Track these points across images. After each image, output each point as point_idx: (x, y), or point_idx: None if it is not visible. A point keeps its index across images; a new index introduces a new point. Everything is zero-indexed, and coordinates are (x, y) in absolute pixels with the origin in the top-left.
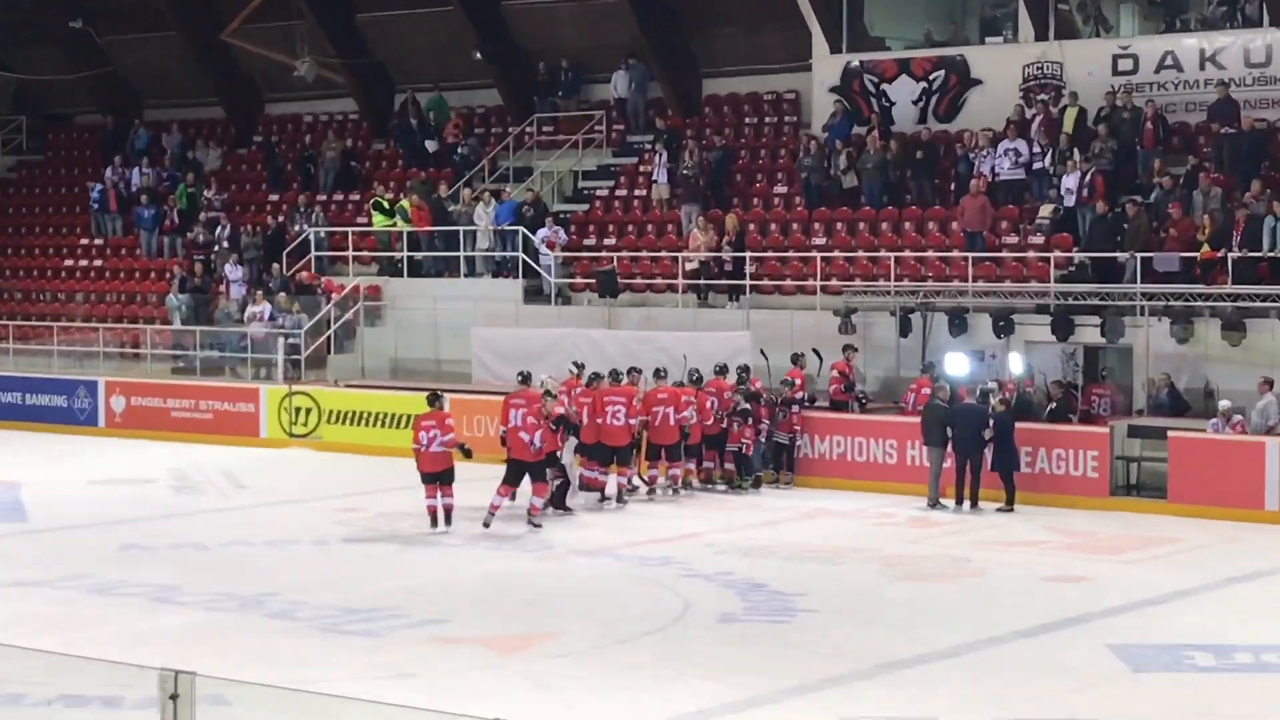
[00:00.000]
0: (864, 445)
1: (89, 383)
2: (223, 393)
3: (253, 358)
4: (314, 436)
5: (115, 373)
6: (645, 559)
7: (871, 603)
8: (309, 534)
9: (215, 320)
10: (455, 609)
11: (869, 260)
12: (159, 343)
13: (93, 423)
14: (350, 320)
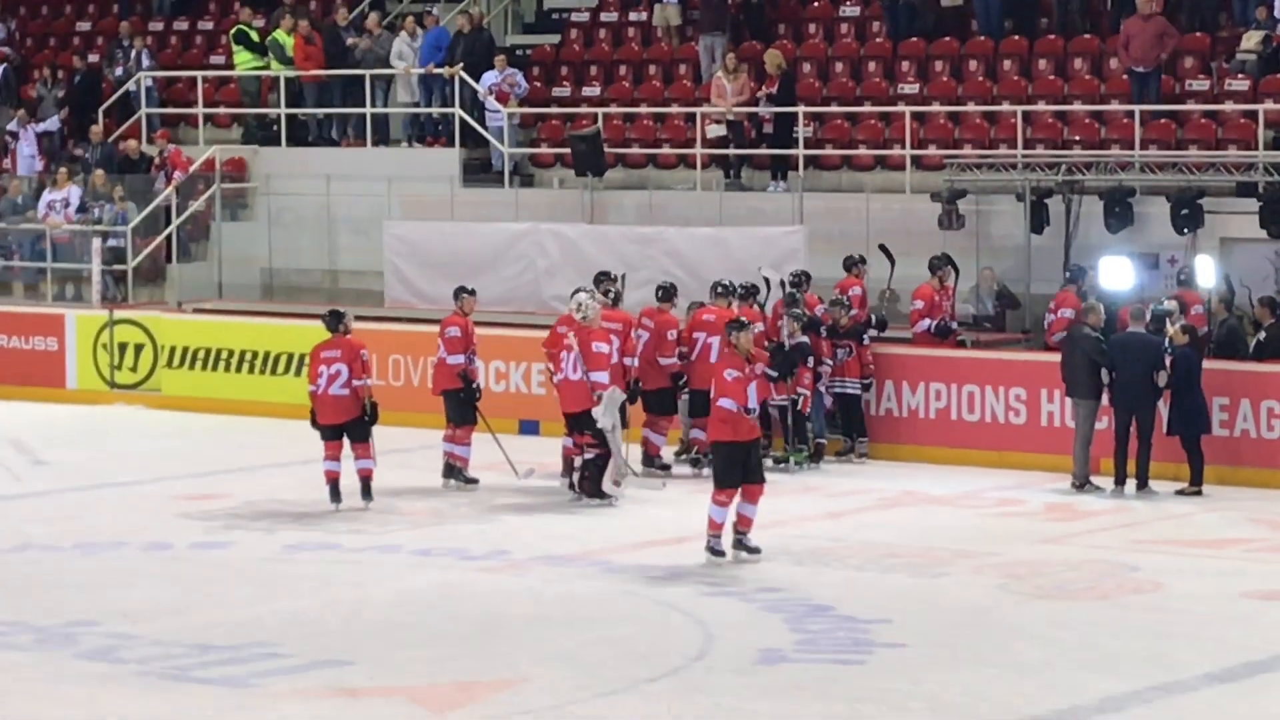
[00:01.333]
0: (976, 397)
1: None
2: (10, 321)
3: (54, 269)
4: (148, 387)
5: None
6: (648, 569)
7: (988, 633)
8: (141, 534)
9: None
10: (361, 645)
11: (984, 118)
12: None
13: None
14: (201, 212)
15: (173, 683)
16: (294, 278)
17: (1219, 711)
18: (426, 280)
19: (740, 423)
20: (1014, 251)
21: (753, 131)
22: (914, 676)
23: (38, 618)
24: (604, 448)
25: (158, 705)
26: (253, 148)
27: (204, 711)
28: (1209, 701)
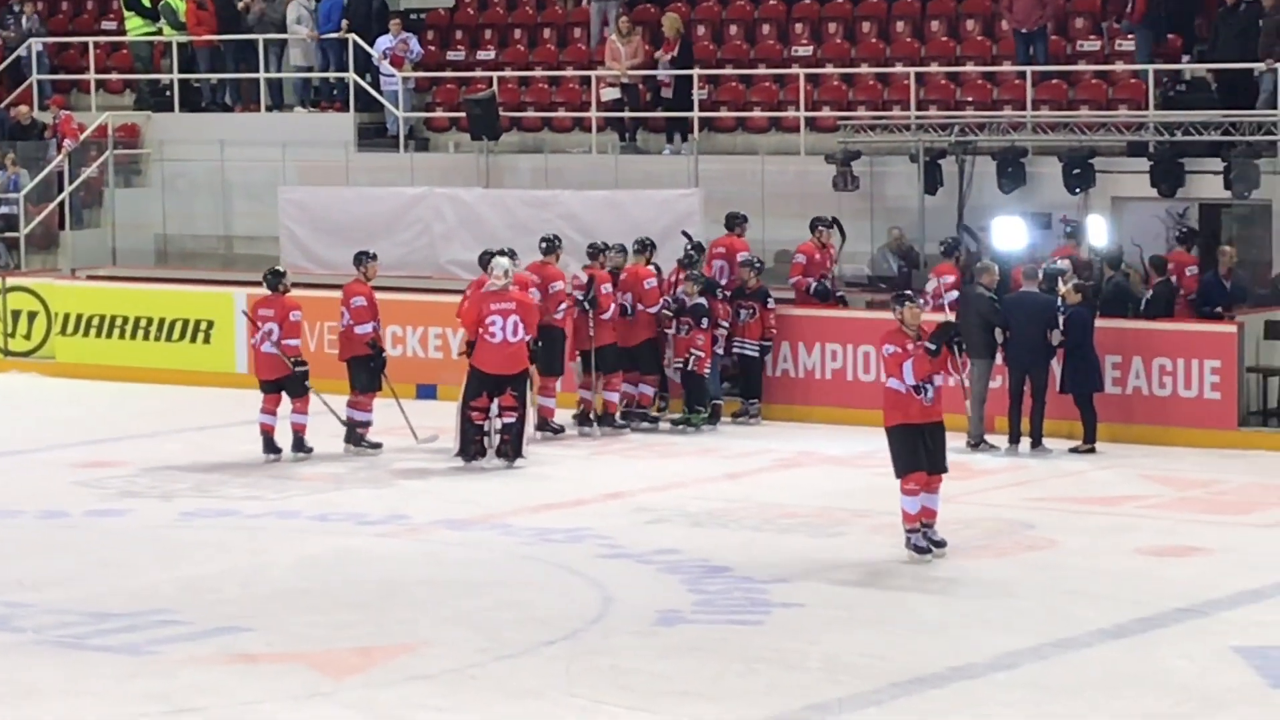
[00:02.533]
0: (871, 357)
1: None
2: None
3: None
4: (41, 355)
5: None
6: (547, 532)
7: (885, 593)
8: (37, 502)
9: None
10: (260, 610)
11: (876, 79)
12: None
13: None
14: (94, 179)
15: (70, 651)
16: (188, 244)
17: (1113, 667)
18: (322, 245)
19: (909, 403)
20: (908, 212)
21: (648, 95)
22: (811, 636)
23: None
24: (523, 409)
25: (55, 673)
26: (146, 114)
27: (102, 679)
28: (1103, 657)
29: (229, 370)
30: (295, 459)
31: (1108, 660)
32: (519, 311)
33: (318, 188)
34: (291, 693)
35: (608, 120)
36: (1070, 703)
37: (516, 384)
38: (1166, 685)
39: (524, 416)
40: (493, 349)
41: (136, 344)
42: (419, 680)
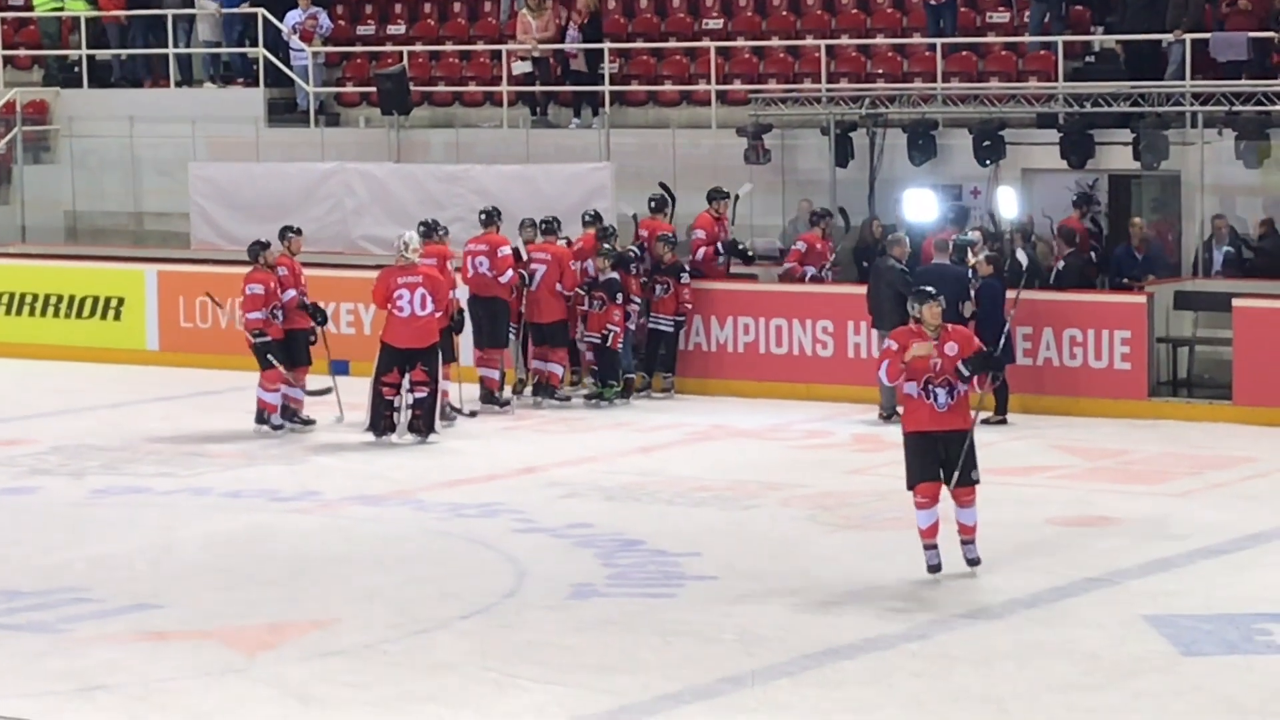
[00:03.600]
0: (783, 330)
1: None
2: None
3: None
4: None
5: None
6: (460, 507)
7: (797, 565)
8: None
9: None
10: (171, 588)
11: (787, 52)
12: None
13: None
14: (2, 155)
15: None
16: (99, 220)
17: (1024, 637)
18: (233, 222)
19: (919, 409)
20: (820, 185)
21: (559, 68)
22: (725, 609)
23: None
24: (435, 384)
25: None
26: (54, 90)
27: (12, 658)
28: (1016, 628)
29: (140, 347)
30: (258, 433)
31: (1019, 630)
32: (426, 285)
33: (228, 163)
34: (204, 669)
35: (519, 94)
36: (981, 673)
37: (427, 359)
38: (1077, 654)
39: (436, 391)
40: (401, 323)
41: (47, 321)
42: (331, 656)
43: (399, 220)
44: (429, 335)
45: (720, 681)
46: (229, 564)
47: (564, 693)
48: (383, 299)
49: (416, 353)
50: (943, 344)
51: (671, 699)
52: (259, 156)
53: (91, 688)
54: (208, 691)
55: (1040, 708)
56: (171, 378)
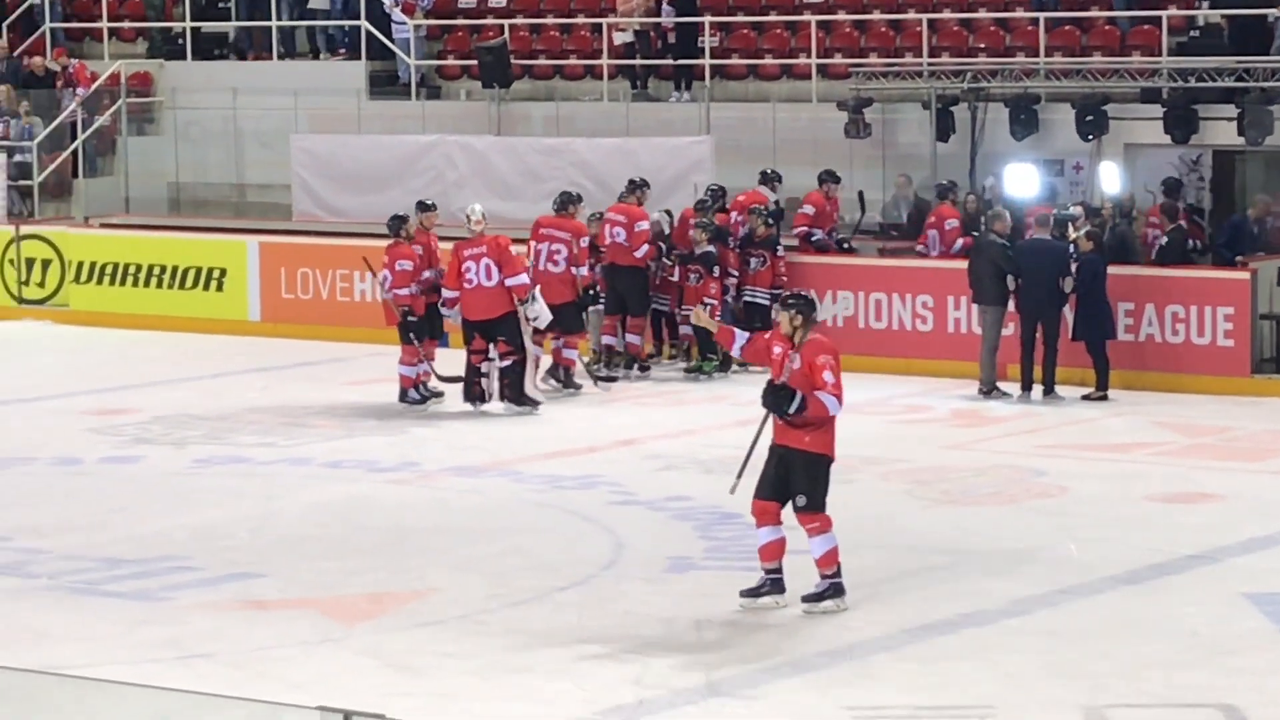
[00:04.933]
0: (883, 304)
1: None
2: None
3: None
4: (55, 303)
5: None
6: (557, 479)
7: (895, 540)
8: (50, 449)
9: None
10: (270, 557)
11: (888, 26)
12: None
13: None
14: (107, 127)
15: (83, 597)
16: (201, 192)
17: (1124, 613)
18: (334, 193)
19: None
20: (920, 159)
21: (659, 42)
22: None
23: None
24: (521, 354)
25: (69, 619)
26: (158, 62)
27: (114, 625)
28: (1114, 604)
29: (241, 318)
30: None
31: (1118, 607)
32: (491, 254)
33: (330, 135)
34: (302, 638)
35: (619, 68)
36: (1080, 649)
37: (506, 329)
38: (1177, 631)
39: (522, 360)
40: (469, 295)
41: (150, 292)
42: (429, 626)
43: (499, 193)
44: (500, 305)
45: (817, 655)
46: (328, 534)
47: (662, 664)
48: (454, 275)
49: (491, 323)
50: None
51: (768, 672)
52: (360, 129)
53: (191, 656)
54: (306, 661)
55: (1138, 684)
56: (272, 348)
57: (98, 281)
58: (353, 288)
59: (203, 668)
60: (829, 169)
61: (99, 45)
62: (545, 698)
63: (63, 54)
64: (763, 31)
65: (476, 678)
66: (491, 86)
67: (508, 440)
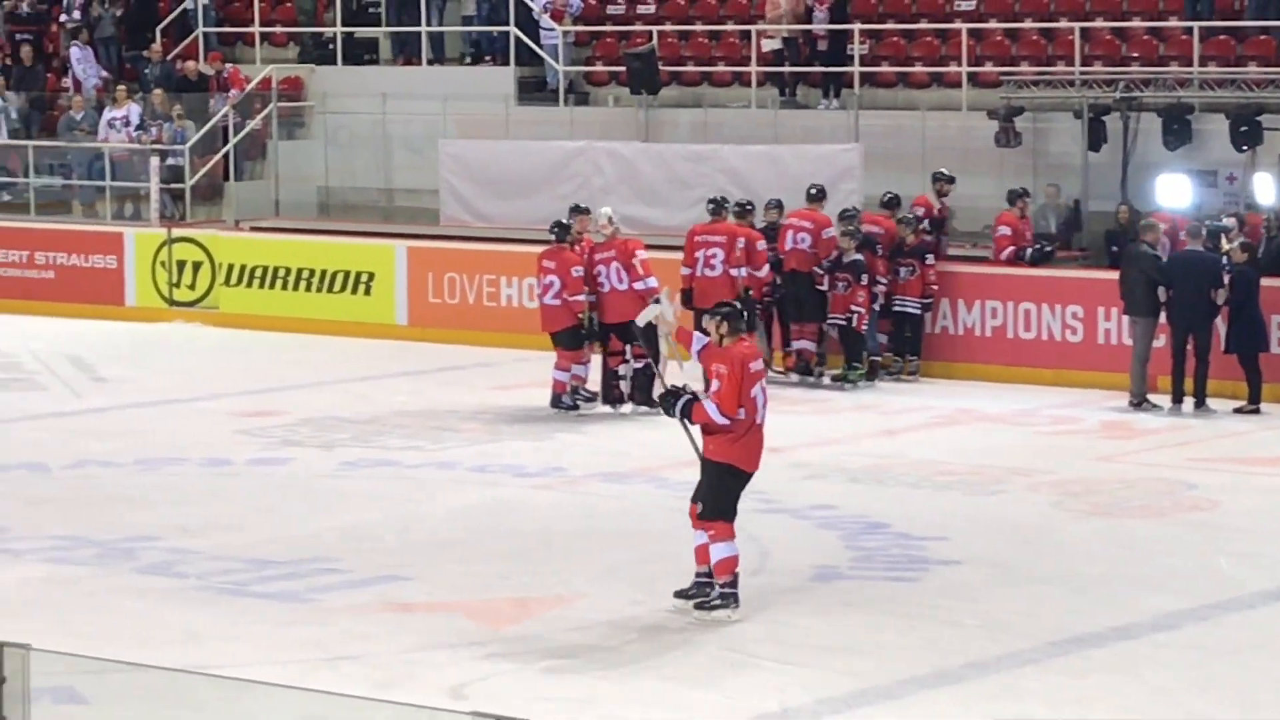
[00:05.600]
0: (1032, 314)
1: None
2: (70, 240)
3: (113, 187)
4: (205, 305)
5: None
6: None
7: (1043, 551)
8: (200, 450)
9: (58, 131)
10: (417, 560)
11: (1040, 34)
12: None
13: None
14: (258, 131)
15: (231, 597)
16: (350, 196)
17: (1275, 629)
18: (481, 199)
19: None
20: (1071, 169)
21: (808, 49)
22: (969, 594)
23: (98, 533)
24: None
25: (216, 619)
26: (309, 66)
27: (261, 625)
28: (1265, 618)
29: (389, 322)
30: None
31: (1270, 622)
32: (620, 258)
33: (478, 141)
34: (448, 642)
35: (767, 75)
36: (1230, 665)
37: (627, 333)
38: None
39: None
40: (603, 298)
41: (299, 295)
42: (574, 631)
43: (645, 199)
44: (634, 308)
45: (964, 666)
46: (474, 538)
47: (805, 674)
48: (590, 279)
49: (626, 326)
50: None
51: (914, 683)
52: (508, 134)
53: (337, 658)
54: (452, 664)
55: None
56: (419, 352)
57: (247, 284)
58: (499, 292)
59: (349, 669)
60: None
61: (250, 50)
62: (688, 704)
63: (219, 59)
64: (913, 39)
65: (620, 684)
66: (639, 93)
67: (653, 446)
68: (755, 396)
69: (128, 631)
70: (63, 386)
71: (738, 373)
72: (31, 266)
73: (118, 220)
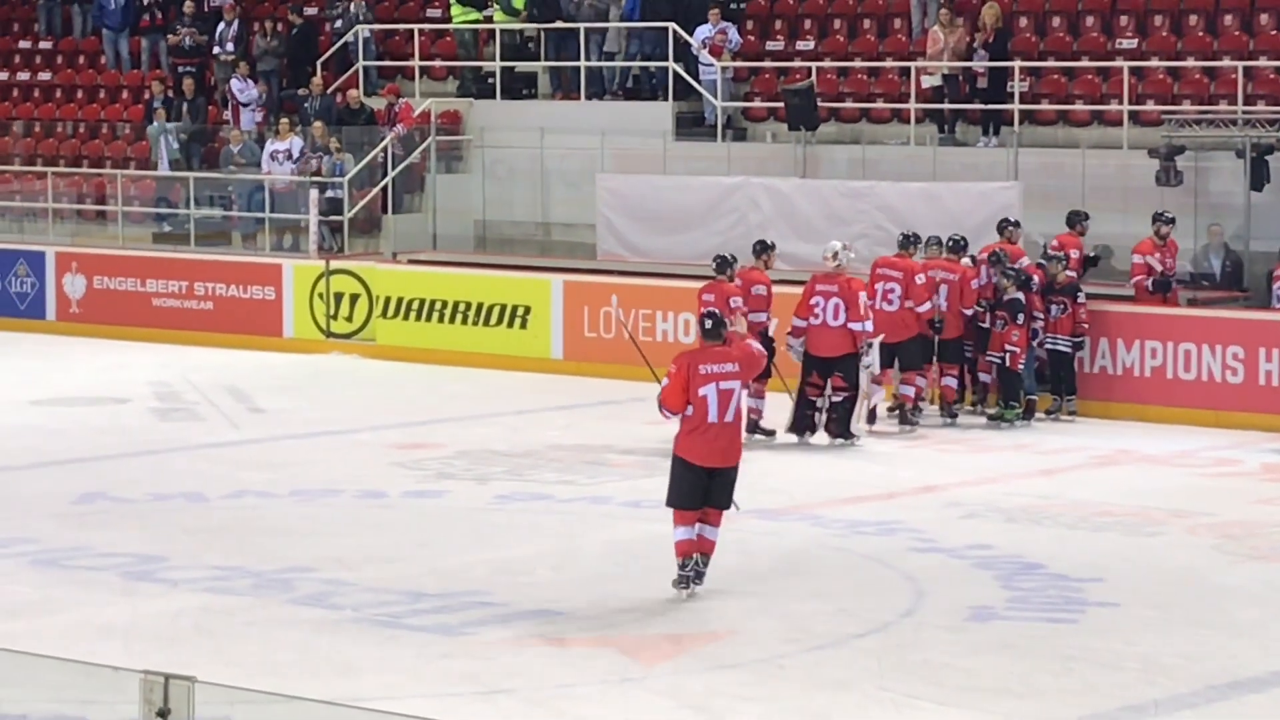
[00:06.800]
0: (1192, 355)
1: (33, 254)
2: (229, 271)
3: (273, 219)
4: (362, 337)
5: (71, 240)
6: (858, 524)
7: (1202, 594)
8: (356, 481)
9: (219, 163)
10: (571, 595)
11: (1203, 73)
12: (135, 196)
13: (39, 313)
14: (416, 164)
15: (385, 629)
16: (507, 229)
17: None
18: (638, 233)
19: None
20: (1233, 209)
21: (967, 86)
22: (1127, 637)
23: (255, 563)
24: (853, 391)
25: (371, 651)
26: (468, 100)
27: (416, 658)
28: None
29: (545, 356)
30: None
31: None
32: (842, 294)
33: (635, 176)
34: (602, 677)
35: (926, 112)
36: None
37: (844, 366)
38: None
39: (854, 398)
40: (814, 331)
41: (455, 328)
42: (728, 669)
43: (803, 235)
44: (844, 345)
45: (1122, 710)
46: (627, 573)
47: (960, 715)
48: (802, 307)
49: (833, 360)
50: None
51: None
52: (665, 170)
53: (492, 691)
54: (606, 699)
55: None
56: (574, 386)
57: (404, 317)
58: (655, 327)
59: (504, 703)
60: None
61: (410, 84)
62: None
63: (395, 91)
64: (1073, 77)
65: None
66: (798, 129)
67: (808, 483)
68: (705, 397)
69: (283, 663)
70: (221, 417)
71: (684, 372)
72: (191, 297)
73: (276, 252)
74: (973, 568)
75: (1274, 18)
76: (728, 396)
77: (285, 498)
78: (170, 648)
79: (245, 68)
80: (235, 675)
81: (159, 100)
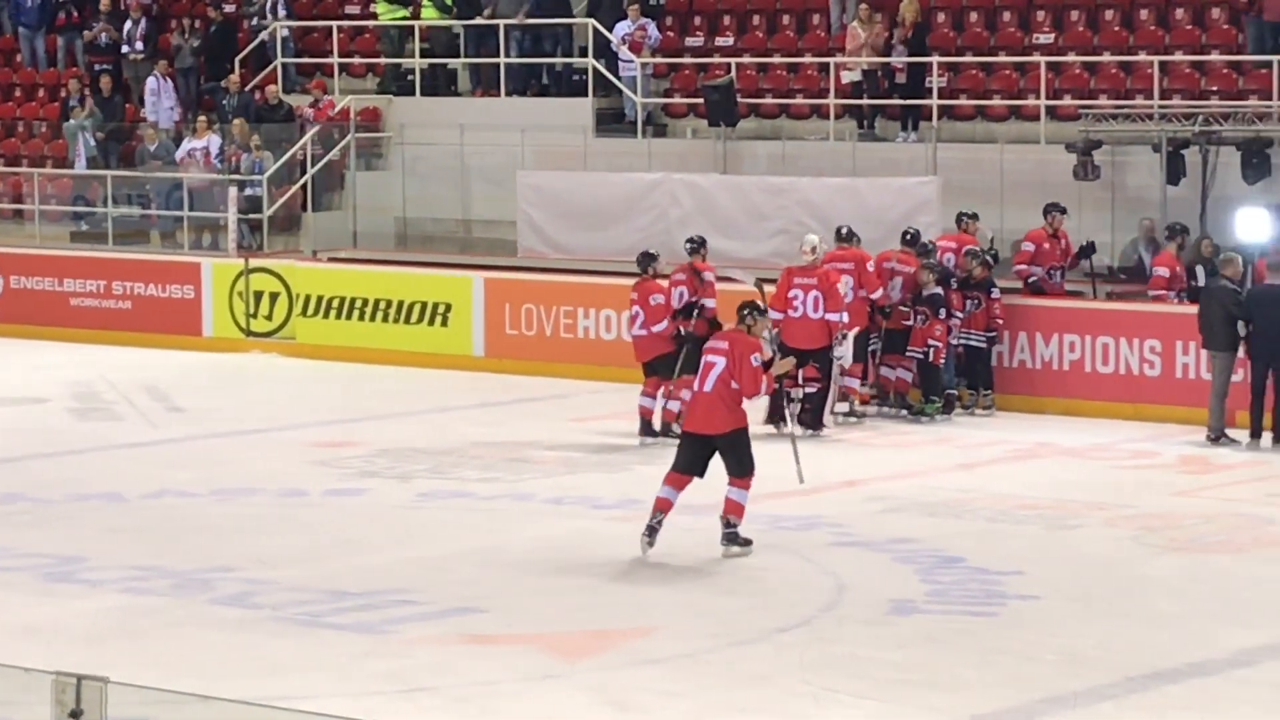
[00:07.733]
0: (1110, 348)
1: None
2: (148, 270)
3: (191, 217)
4: (283, 335)
5: None
6: (779, 519)
7: (1122, 586)
8: (276, 480)
9: (135, 161)
10: (494, 592)
11: (1120, 68)
12: (52, 194)
13: None
14: (335, 162)
15: (307, 628)
16: (428, 227)
17: None
18: (559, 230)
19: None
20: (1149, 203)
21: (886, 82)
22: (1047, 629)
23: (174, 563)
24: (826, 382)
25: (292, 650)
26: (387, 97)
27: (338, 657)
28: None
29: (466, 353)
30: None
31: None
32: (820, 287)
33: (556, 172)
34: (525, 674)
35: (845, 108)
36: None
37: (819, 357)
38: None
39: (826, 388)
40: (792, 323)
41: (376, 326)
42: (651, 664)
43: (723, 231)
44: (820, 338)
45: (1042, 701)
46: (551, 570)
47: (882, 709)
48: (781, 297)
49: (807, 353)
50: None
51: (992, 718)
52: (586, 166)
53: (415, 689)
54: (529, 696)
55: None
56: (496, 384)
57: (324, 315)
58: (576, 324)
59: (426, 702)
60: (1054, 201)
61: (328, 80)
62: None
63: (321, 87)
64: (991, 72)
65: (697, 717)
66: (717, 125)
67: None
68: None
69: (204, 662)
70: (140, 416)
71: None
72: (109, 296)
73: (195, 250)
74: (894, 561)
75: (1189, 13)
76: (709, 368)
77: (205, 497)
78: (91, 648)
79: (164, 65)
80: (157, 676)
81: (75, 98)
